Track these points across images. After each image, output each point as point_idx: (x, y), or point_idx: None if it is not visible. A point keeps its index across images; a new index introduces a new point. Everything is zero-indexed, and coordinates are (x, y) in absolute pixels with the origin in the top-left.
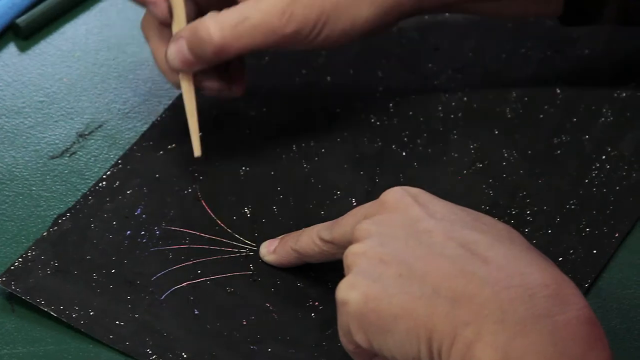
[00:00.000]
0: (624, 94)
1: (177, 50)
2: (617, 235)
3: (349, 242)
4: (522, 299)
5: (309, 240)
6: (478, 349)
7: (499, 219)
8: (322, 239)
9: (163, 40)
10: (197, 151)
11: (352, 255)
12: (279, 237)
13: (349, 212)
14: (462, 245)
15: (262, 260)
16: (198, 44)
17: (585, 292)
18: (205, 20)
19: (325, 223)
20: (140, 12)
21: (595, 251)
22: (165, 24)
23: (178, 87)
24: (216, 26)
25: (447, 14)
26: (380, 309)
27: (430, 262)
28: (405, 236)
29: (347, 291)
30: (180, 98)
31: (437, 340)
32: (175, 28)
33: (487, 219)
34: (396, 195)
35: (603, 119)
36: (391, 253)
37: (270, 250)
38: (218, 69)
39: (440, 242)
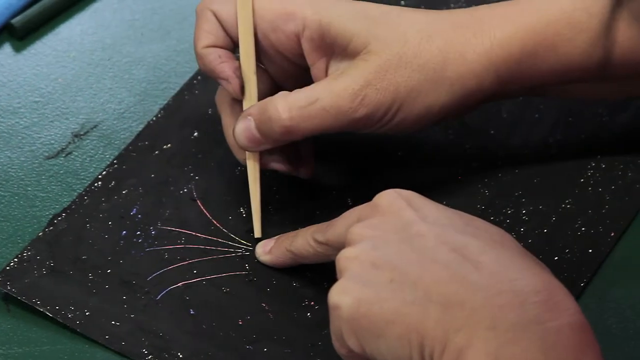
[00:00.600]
0: None
1: (245, 128)
2: (612, 234)
3: (342, 245)
4: (514, 306)
5: (303, 241)
6: (469, 356)
7: (495, 218)
8: (316, 241)
9: (234, 116)
10: (257, 233)
11: (345, 260)
12: (275, 238)
13: (343, 214)
14: (454, 250)
15: (258, 261)
16: (266, 123)
17: (581, 292)
18: (275, 99)
19: (319, 224)
20: (136, 12)
21: (590, 250)
22: (238, 100)
23: (245, 163)
24: (285, 106)
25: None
26: (372, 313)
27: (423, 267)
28: (397, 240)
29: (339, 296)
30: (175, 98)
31: (429, 346)
32: (246, 105)
33: (480, 222)
34: (389, 199)
35: (598, 118)
36: (383, 257)
37: (266, 250)
38: (286, 149)
39: (432, 247)
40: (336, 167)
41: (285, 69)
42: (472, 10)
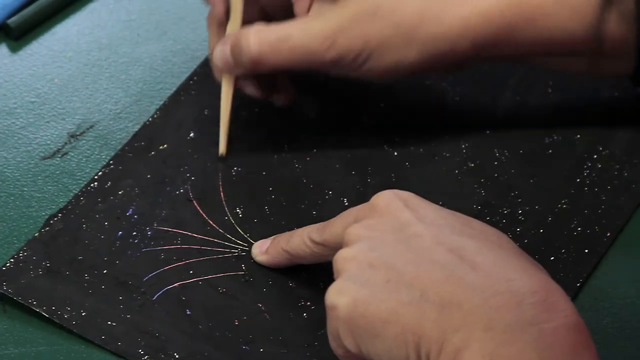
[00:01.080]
0: (615, 93)
1: (221, 51)
2: (608, 234)
3: (339, 245)
4: (510, 306)
5: (300, 241)
6: (466, 356)
7: (491, 218)
8: (313, 241)
9: (219, 37)
10: (221, 149)
11: (342, 260)
12: (271, 238)
13: (339, 215)
14: (451, 251)
15: (254, 261)
16: (237, 52)
17: (577, 292)
18: (248, 31)
19: (316, 224)
20: (132, 13)
21: (587, 250)
22: (222, 24)
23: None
24: (256, 39)
25: None
26: (369, 314)
27: (419, 267)
28: (394, 241)
29: (336, 296)
30: (171, 99)
31: (425, 346)
32: (229, 29)
33: (477, 223)
34: (386, 199)
35: (594, 118)
36: (380, 258)
37: (262, 250)
38: (260, 76)
39: (429, 247)
40: (332, 167)
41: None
42: None
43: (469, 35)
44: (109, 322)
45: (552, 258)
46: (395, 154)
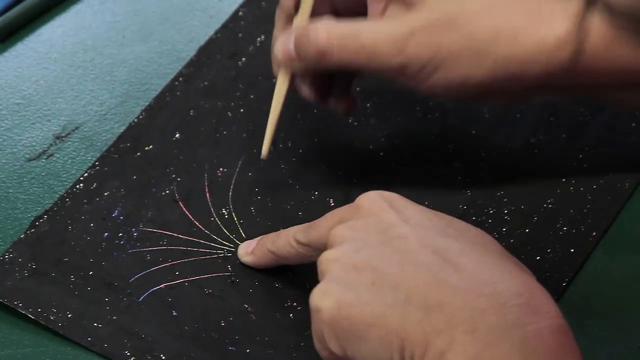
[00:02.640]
0: None
1: (283, 43)
2: (594, 234)
3: (324, 246)
4: (494, 308)
5: (285, 242)
6: (449, 359)
7: (477, 218)
8: (298, 242)
9: (284, 30)
10: (264, 151)
11: (326, 262)
12: (257, 238)
13: (324, 215)
14: (435, 252)
15: (240, 261)
16: (304, 42)
17: (563, 291)
18: (318, 23)
19: (301, 225)
20: (117, 14)
21: (572, 250)
22: (290, 17)
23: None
24: (325, 31)
25: None
26: (353, 316)
27: (404, 269)
28: (379, 242)
29: (321, 298)
30: (157, 100)
31: (409, 349)
32: (296, 22)
33: (461, 224)
34: (371, 200)
35: (580, 117)
36: (365, 260)
37: (248, 251)
38: (319, 79)
39: (413, 249)
40: (318, 168)
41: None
42: None
43: (542, 58)
44: (95, 324)
45: (538, 258)
46: (381, 154)
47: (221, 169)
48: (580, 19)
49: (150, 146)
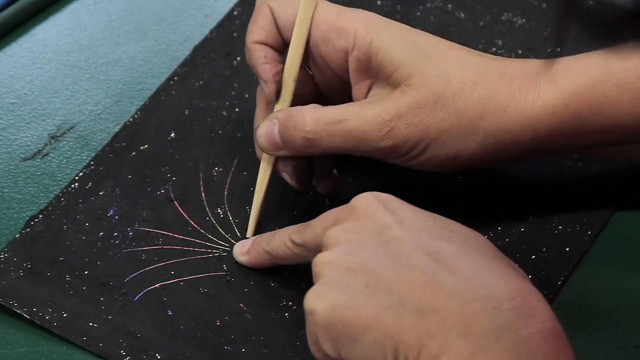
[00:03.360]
0: None
1: (267, 130)
2: (589, 233)
3: (319, 247)
4: (487, 312)
5: (280, 242)
6: None
7: (472, 217)
8: (293, 242)
9: (267, 113)
10: (249, 232)
11: (321, 264)
12: (252, 238)
13: (319, 216)
14: (430, 255)
15: (235, 261)
16: (289, 130)
17: (558, 290)
18: (304, 109)
19: (296, 225)
20: (112, 13)
21: (567, 249)
22: (270, 103)
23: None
24: (311, 118)
25: (418, 12)
26: (348, 319)
27: (398, 272)
28: (373, 244)
29: (315, 300)
30: (152, 99)
31: (403, 352)
32: (277, 107)
33: (456, 226)
34: (366, 202)
35: None
36: (359, 262)
37: (244, 251)
38: (300, 162)
39: (408, 252)
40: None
41: (330, 80)
42: (522, 62)
43: (531, 126)
44: (91, 323)
45: (534, 257)
46: None
47: (216, 169)
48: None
49: (146, 146)
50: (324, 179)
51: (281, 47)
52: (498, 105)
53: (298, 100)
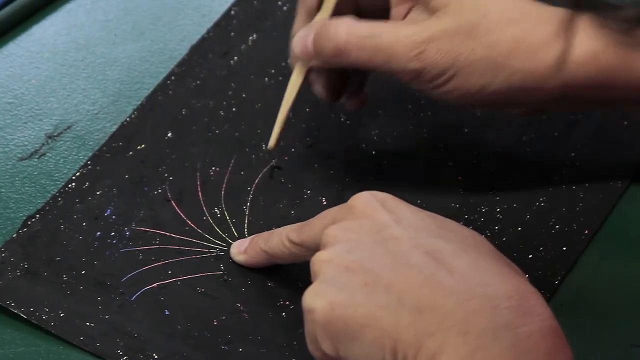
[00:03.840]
0: None
1: (302, 37)
2: (586, 232)
3: (317, 246)
4: (486, 311)
5: (278, 241)
6: None
7: (469, 217)
8: (291, 241)
9: (304, 23)
10: (272, 142)
11: (319, 263)
12: (249, 237)
13: (317, 215)
14: (428, 254)
15: (233, 260)
16: (322, 39)
17: (556, 289)
18: (339, 20)
19: (294, 225)
20: (109, 13)
21: (565, 248)
22: (311, 13)
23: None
24: (344, 29)
25: None
26: (347, 317)
27: (396, 271)
28: (372, 243)
29: (313, 299)
30: (149, 99)
31: (402, 350)
32: (318, 18)
33: (454, 225)
34: (364, 201)
35: (572, 116)
36: (358, 261)
37: (241, 250)
38: (333, 78)
39: (406, 250)
40: (310, 166)
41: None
42: (558, 10)
43: (559, 74)
44: (88, 323)
45: (531, 256)
46: (374, 152)
47: (213, 168)
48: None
49: (143, 145)
50: (354, 95)
51: None
52: (529, 48)
53: (338, 17)
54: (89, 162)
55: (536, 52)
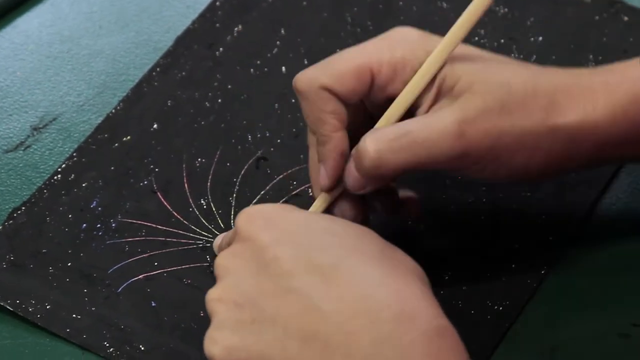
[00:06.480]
0: None
1: (348, 169)
2: (573, 222)
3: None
4: (366, 328)
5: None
6: None
7: (455, 207)
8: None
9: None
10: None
11: (212, 303)
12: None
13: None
14: (309, 272)
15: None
16: (359, 160)
17: (542, 280)
18: (364, 136)
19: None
20: (94, 4)
21: (551, 238)
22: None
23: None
24: (372, 138)
25: (401, 2)
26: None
27: (278, 299)
28: (256, 269)
29: (211, 346)
30: (134, 90)
31: None
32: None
33: (340, 226)
34: (246, 219)
35: None
36: (244, 294)
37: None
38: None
39: (286, 272)
40: (296, 157)
41: (383, 106)
42: (575, 73)
43: (591, 133)
44: (74, 315)
45: (517, 246)
46: None
47: (199, 159)
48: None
49: (128, 137)
50: (406, 202)
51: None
52: (559, 113)
53: (352, 126)
54: (74, 154)
55: (565, 116)
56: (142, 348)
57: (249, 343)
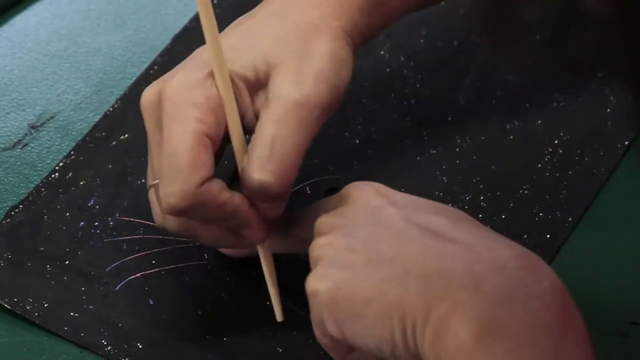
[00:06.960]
0: (576, 79)
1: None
2: (570, 220)
3: (311, 236)
4: (495, 271)
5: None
6: (453, 322)
7: (453, 205)
8: (285, 234)
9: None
10: (279, 316)
11: (319, 248)
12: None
13: (310, 205)
14: (426, 229)
15: (217, 250)
16: (261, 190)
17: None
18: (243, 172)
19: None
20: (91, 3)
21: (548, 236)
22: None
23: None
24: (255, 169)
25: None
26: (351, 294)
27: (398, 245)
28: (368, 224)
29: (317, 282)
30: (132, 89)
31: (411, 319)
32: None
33: (446, 207)
34: (358, 188)
35: (555, 103)
36: (356, 241)
37: None
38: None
39: (404, 227)
40: None
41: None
42: None
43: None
44: (72, 313)
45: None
46: (357, 141)
47: None
48: None
49: (126, 135)
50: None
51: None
52: None
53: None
54: (72, 152)
55: None
56: (140, 346)
57: (362, 278)
